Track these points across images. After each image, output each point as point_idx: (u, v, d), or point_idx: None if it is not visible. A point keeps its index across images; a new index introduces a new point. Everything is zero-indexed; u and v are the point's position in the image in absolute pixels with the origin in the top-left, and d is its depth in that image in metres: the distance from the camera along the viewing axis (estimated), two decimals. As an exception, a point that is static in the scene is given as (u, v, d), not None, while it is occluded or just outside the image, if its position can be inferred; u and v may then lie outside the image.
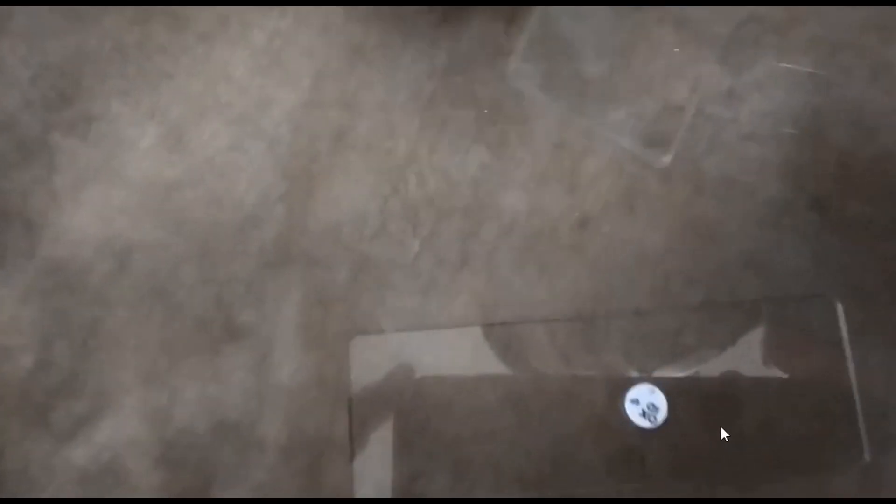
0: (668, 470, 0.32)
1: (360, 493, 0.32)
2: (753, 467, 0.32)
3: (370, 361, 0.34)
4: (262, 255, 0.35)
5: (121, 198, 0.35)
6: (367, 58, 0.36)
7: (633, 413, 0.33)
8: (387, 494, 0.32)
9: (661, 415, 0.33)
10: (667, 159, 0.35)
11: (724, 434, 0.32)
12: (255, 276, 0.34)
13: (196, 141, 0.36)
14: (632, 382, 0.33)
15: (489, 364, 0.34)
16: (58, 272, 0.35)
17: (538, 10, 0.37)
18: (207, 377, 0.33)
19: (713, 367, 0.34)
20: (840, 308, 0.34)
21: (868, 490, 0.33)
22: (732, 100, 0.37)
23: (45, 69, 0.37)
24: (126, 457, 0.33)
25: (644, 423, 0.32)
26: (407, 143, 0.36)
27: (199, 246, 0.35)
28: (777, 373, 0.34)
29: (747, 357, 0.34)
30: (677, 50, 0.37)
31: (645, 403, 0.33)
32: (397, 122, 0.36)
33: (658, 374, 0.33)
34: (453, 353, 0.34)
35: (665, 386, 0.33)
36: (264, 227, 0.35)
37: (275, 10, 0.37)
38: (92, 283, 0.34)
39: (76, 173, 0.36)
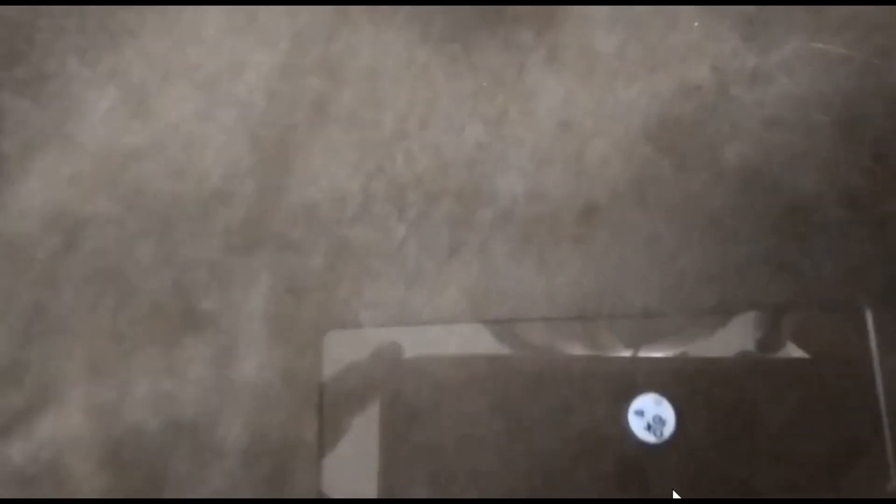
0: (674, 488, 0.29)
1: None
2: (768, 490, 0.29)
3: (345, 359, 0.30)
4: (229, 236, 0.31)
5: (73, 166, 0.32)
6: (352, 19, 0.33)
7: (637, 426, 0.29)
8: (358, 508, 0.29)
9: (668, 429, 0.29)
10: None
11: (736, 452, 0.29)
12: (220, 260, 0.31)
13: (159, 106, 0.33)
14: (637, 391, 0.30)
15: (478, 366, 0.31)
16: (0, 247, 0.31)
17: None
18: (162, 370, 0.30)
19: (727, 377, 0.30)
20: (870, 316, 0.31)
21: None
22: (757, 81, 0.34)
23: (-5, 20, 0.33)
24: (68, 456, 0.29)
25: (649, 438, 0.29)
26: (395, 116, 0.33)
27: (157, 223, 0.31)
28: (797, 386, 0.31)
29: (765, 368, 0.31)
30: (697, 24, 0.34)
31: (650, 415, 0.30)
32: (385, 92, 0.33)
33: (666, 383, 0.30)
34: (439, 352, 0.31)
35: (673, 397, 0.30)
36: (232, 204, 0.32)
37: (253, -37, 0.34)
38: (37, 260, 0.31)
39: (25, 137, 0.32)
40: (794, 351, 0.31)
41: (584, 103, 0.33)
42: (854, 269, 0.32)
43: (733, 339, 0.31)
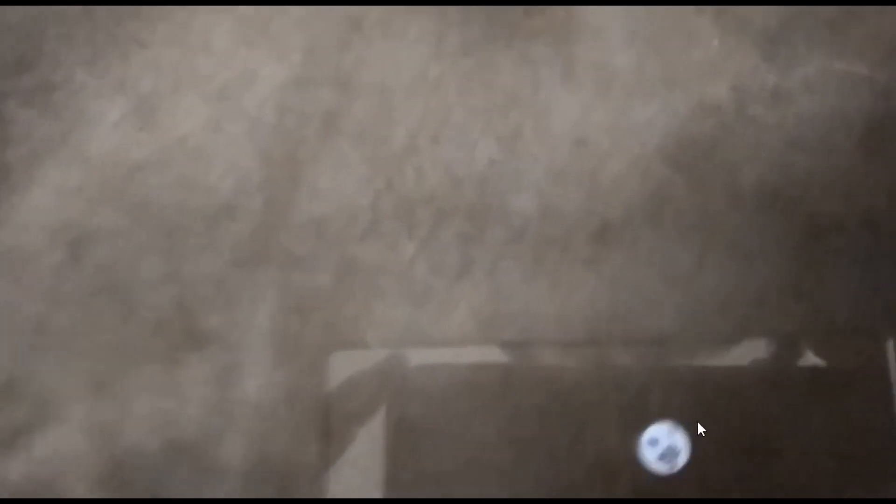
0: None
1: (332, 531, 0.28)
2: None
3: (352, 379, 0.30)
4: (235, 252, 0.31)
5: (79, 178, 0.32)
6: (366, 33, 0.33)
7: (650, 455, 0.29)
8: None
9: (682, 459, 0.29)
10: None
11: (752, 482, 0.29)
12: (226, 276, 0.31)
13: (168, 118, 0.32)
14: (650, 419, 0.29)
15: (487, 390, 0.30)
16: (3, 260, 0.31)
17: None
18: (164, 389, 0.30)
19: (745, 407, 0.30)
20: (892, 346, 0.31)
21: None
22: (778, 101, 0.33)
23: (4, 30, 0.33)
24: (67, 475, 0.29)
25: (661, 468, 0.29)
26: (406, 131, 0.32)
27: (163, 237, 0.31)
28: (816, 416, 0.30)
29: (784, 397, 0.30)
30: (716, 42, 0.34)
31: (664, 445, 0.29)
32: (397, 107, 0.33)
33: (681, 410, 0.30)
34: (447, 374, 0.30)
35: (688, 426, 0.29)
36: (239, 219, 0.31)
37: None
38: (41, 274, 0.31)
39: (31, 148, 0.32)
40: (812, 380, 0.30)
41: (600, 121, 0.33)
42: (875, 295, 0.32)
43: (750, 366, 0.31)
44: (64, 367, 0.30)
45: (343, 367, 0.30)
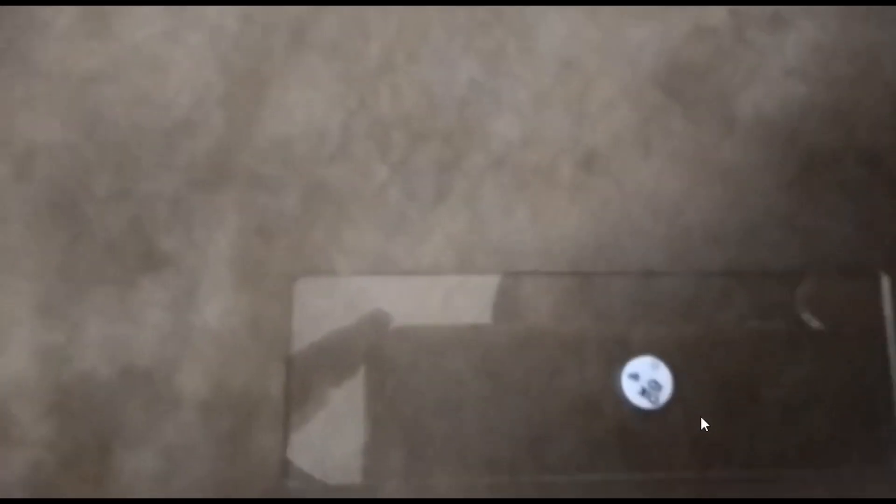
0: (668, 459, 0.29)
1: (294, 464, 0.28)
2: (769, 461, 0.28)
3: (317, 308, 0.30)
4: (193, 171, 0.31)
5: (26, 88, 0.31)
6: (339, -62, 0.31)
7: (631, 390, 0.29)
8: (325, 467, 0.28)
9: (665, 394, 0.29)
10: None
11: (737, 422, 0.28)
12: (183, 196, 0.30)
13: (122, 26, 0.32)
14: (632, 354, 0.29)
15: (462, 322, 0.30)
16: (-59, 174, 0.30)
17: None
18: (117, 313, 0.29)
19: (732, 342, 0.30)
20: (886, 282, 0.31)
21: (902, 500, 0.29)
22: (778, 26, 0.33)
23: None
24: (12, 401, 0.29)
25: (643, 403, 0.29)
26: (382, 46, 0.32)
27: (116, 153, 0.31)
28: (805, 355, 0.30)
29: (773, 334, 0.30)
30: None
31: (646, 380, 0.29)
32: (371, 19, 0.32)
33: (665, 346, 0.29)
34: (420, 305, 0.30)
35: (672, 360, 0.29)
36: (198, 136, 0.31)
37: None
38: None
39: None
40: (804, 318, 0.30)
41: (590, 41, 0.32)
42: (872, 232, 0.32)
43: (740, 303, 0.30)
44: (8, 288, 0.30)
45: (309, 294, 0.30)
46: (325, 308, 0.32)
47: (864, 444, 0.31)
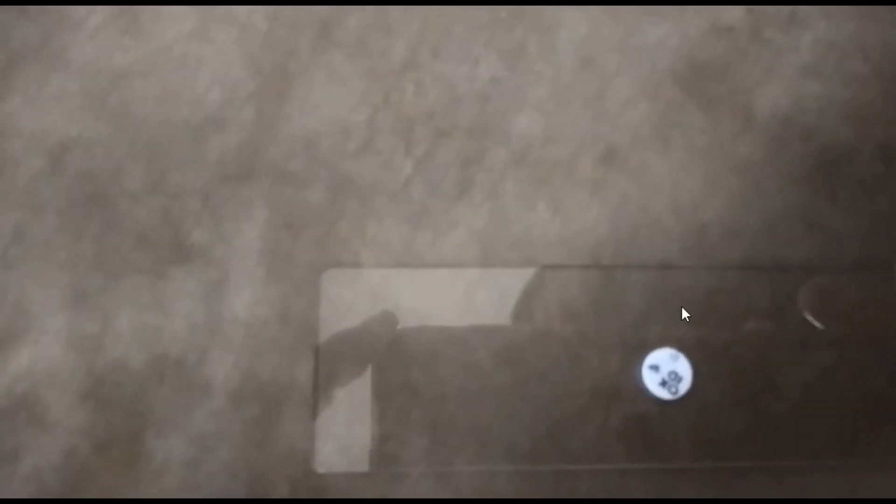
0: (688, 449, 0.29)
1: (321, 453, 0.29)
2: (787, 453, 0.29)
3: (343, 299, 0.31)
4: (223, 165, 0.32)
5: (59, 84, 0.32)
6: (365, -61, 0.32)
7: (652, 381, 0.29)
8: (352, 456, 0.29)
9: (685, 385, 0.29)
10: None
11: (754, 413, 0.29)
12: (213, 189, 0.31)
13: (153, 24, 0.33)
14: (652, 346, 0.30)
15: (484, 313, 0.31)
16: (-23, 167, 0.31)
17: None
18: (148, 303, 0.30)
19: (749, 335, 0.31)
20: (902, 277, 0.31)
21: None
22: (794, 25, 0.34)
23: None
24: (45, 390, 0.30)
25: (663, 394, 0.29)
26: (405, 44, 0.33)
27: (147, 148, 0.32)
28: (823, 349, 0.30)
29: (790, 328, 0.31)
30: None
31: (666, 371, 0.30)
32: (395, 18, 0.33)
33: (683, 338, 0.30)
34: (443, 296, 0.31)
35: (691, 352, 0.30)
36: (227, 131, 0.32)
37: None
38: (19, 181, 0.32)
39: (9, 52, 0.33)
40: (820, 311, 0.31)
41: (609, 39, 0.33)
42: (887, 228, 0.32)
43: (757, 296, 0.31)
44: (43, 277, 0.30)
45: (336, 285, 0.31)
46: (350, 299, 0.33)
47: (881, 435, 0.32)
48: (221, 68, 0.34)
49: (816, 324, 0.32)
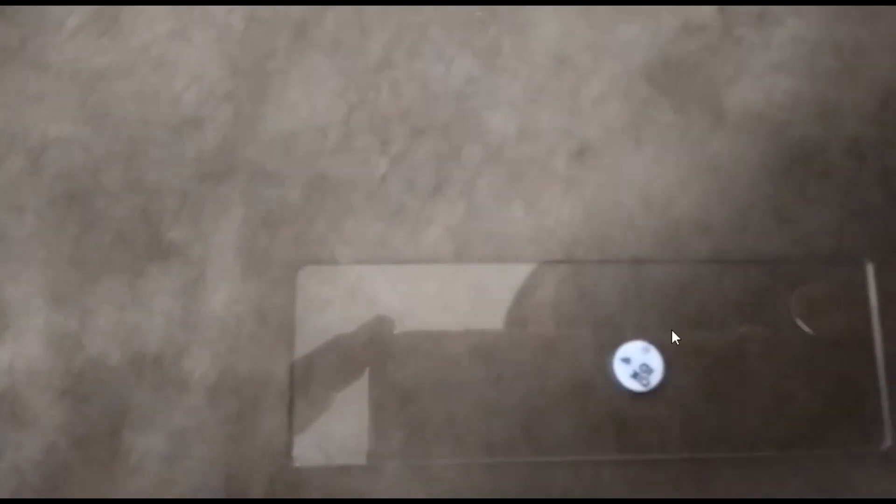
0: (659, 441, 0.30)
1: (298, 447, 0.29)
2: (757, 443, 0.30)
3: (320, 295, 0.31)
4: (201, 164, 0.32)
5: (38, 85, 0.33)
6: (340, -60, 0.33)
7: (623, 373, 0.30)
8: (328, 449, 0.29)
9: (656, 377, 0.30)
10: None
11: (726, 404, 0.30)
12: (191, 188, 0.32)
13: (132, 25, 0.33)
14: (624, 339, 0.30)
15: (459, 308, 0.31)
16: (-43, 168, 0.31)
17: None
18: (127, 301, 0.31)
19: (721, 328, 0.31)
20: (871, 270, 0.32)
21: (885, 481, 0.30)
22: (765, 22, 0.34)
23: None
24: (25, 387, 0.30)
25: (635, 386, 0.30)
26: (381, 44, 0.33)
27: (126, 147, 0.32)
28: (793, 340, 0.31)
29: (761, 320, 0.32)
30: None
31: (637, 363, 0.30)
32: (371, 18, 0.34)
33: (655, 332, 0.30)
34: (419, 292, 0.31)
35: (662, 345, 0.30)
36: (205, 130, 0.32)
37: None
38: None
39: None
40: (791, 304, 0.31)
41: (583, 38, 0.34)
42: (856, 221, 0.33)
43: (728, 290, 0.32)
44: (22, 276, 0.31)
45: (312, 282, 0.31)
46: (327, 295, 0.33)
47: (851, 426, 0.33)
48: (199, 68, 0.34)
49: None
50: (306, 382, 0.32)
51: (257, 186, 0.34)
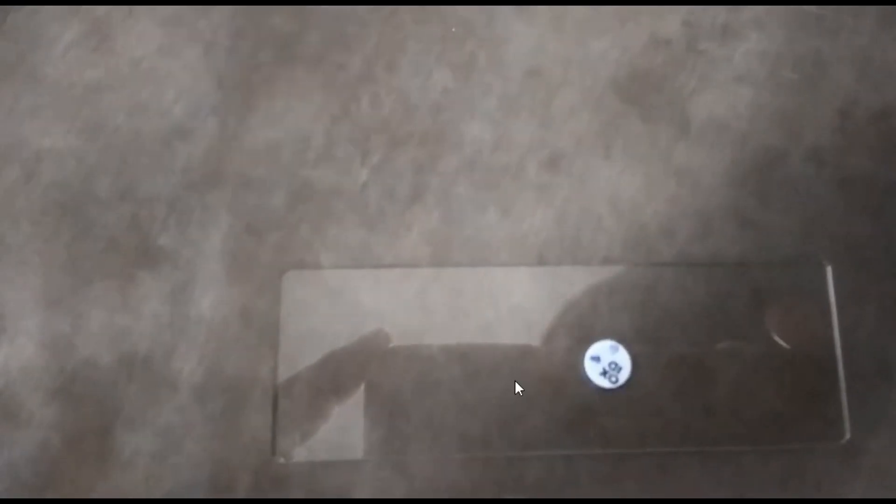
0: (627, 436, 0.32)
1: (282, 444, 0.31)
2: (722, 438, 0.32)
3: (304, 299, 0.33)
4: (189, 173, 0.34)
5: (33, 99, 0.35)
6: (322, -40, 0.36)
7: (593, 371, 0.32)
8: (311, 446, 0.32)
9: (624, 375, 0.32)
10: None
11: (691, 400, 0.32)
12: (179, 196, 0.34)
13: (123, 41, 0.36)
14: (594, 338, 0.33)
15: (437, 310, 0.33)
16: (-45, 178, 0.34)
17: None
18: (117, 304, 0.33)
19: (686, 327, 0.33)
20: (830, 272, 0.34)
21: (844, 474, 0.32)
22: (727, 37, 0.37)
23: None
24: (19, 386, 0.32)
25: (604, 383, 0.32)
26: (362, 59, 0.36)
27: (117, 158, 0.34)
28: (756, 338, 0.33)
29: (725, 319, 0.34)
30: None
31: (607, 362, 0.32)
32: (353, 34, 0.36)
33: (624, 331, 0.33)
34: (398, 295, 0.34)
35: (631, 344, 0.33)
36: (193, 141, 0.35)
37: None
38: None
39: None
40: (752, 305, 0.34)
41: (554, 52, 0.36)
42: (816, 225, 0.35)
43: (694, 291, 0.34)
44: (17, 282, 0.33)
45: (296, 286, 0.33)
46: (310, 298, 0.35)
47: (813, 421, 0.35)
48: (187, 82, 0.37)
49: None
50: (290, 382, 0.34)
51: (243, 195, 0.36)
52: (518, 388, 0.33)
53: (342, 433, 0.34)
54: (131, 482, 0.33)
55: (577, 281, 0.36)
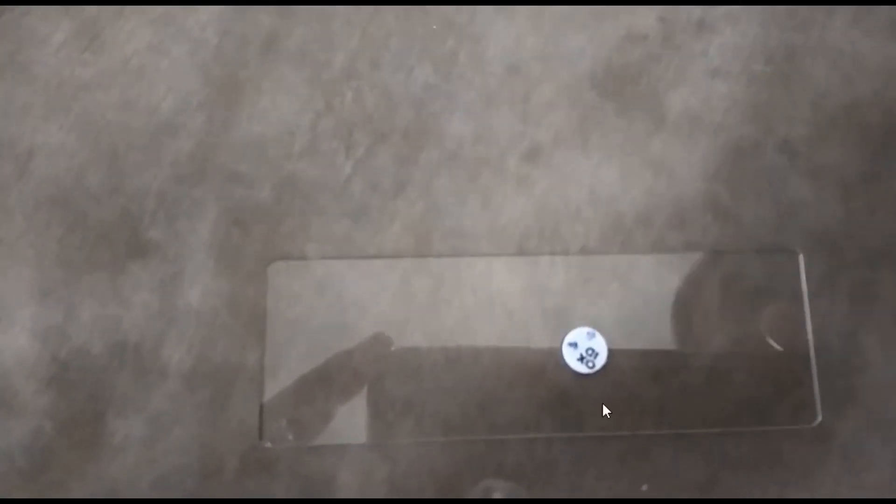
0: (606, 419, 0.33)
1: (269, 429, 0.33)
2: (696, 421, 0.34)
3: (289, 289, 0.35)
4: (177, 168, 0.36)
5: (25, 96, 0.36)
6: (306, -40, 0.37)
7: (571, 357, 0.34)
8: (297, 431, 0.33)
9: (601, 360, 0.34)
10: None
11: (666, 385, 0.34)
12: (168, 190, 0.35)
13: (112, 40, 0.37)
14: (572, 325, 0.34)
15: (419, 299, 0.35)
16: (-51, 174, 0.35)
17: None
18: (108, 295, 0.34)
19: (662, 314, 0.35)
20: (802, 260, 0.36)
21: (816, 456, 0.34)
22: (703, 31, 0.39)
23: (-51, -48, 0.37)
24: (13, 375, 0.34)
25: (581, 368, 0.34)
26: (346, 55, 0.37)
27: (107, 153, 0.36)
28: (730, 325, 0.35)
29: (699, 306, 0.35)
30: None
31: (584, 348, 0.34)
32: (336, 31, 0.37)
33: (601, 318, 0.34)
34: (382, 284, 0.35)
35: (607, 330, 0.34)
36: (181, 136, 0.36)
37: None
38: None
39: None
40: (726, 292, 0.35)
41: (533, 48, 0.38)
42: (789, 215, 0.37)
43: (669, 279, 0.35)
44: (10, 274, 0.35)
45: (282, 276, 0.35)
46: (296, 289, 0.37)
47: (785, 404, 0.37)
48: (175, 79, 0.38)
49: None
50: (276, 369, 0.36)
51: (230, 188, 0.38)
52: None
53: (327, 419, 0.36)
54: (122, 467, 0.35)
55: (555, 270, 0.37)
